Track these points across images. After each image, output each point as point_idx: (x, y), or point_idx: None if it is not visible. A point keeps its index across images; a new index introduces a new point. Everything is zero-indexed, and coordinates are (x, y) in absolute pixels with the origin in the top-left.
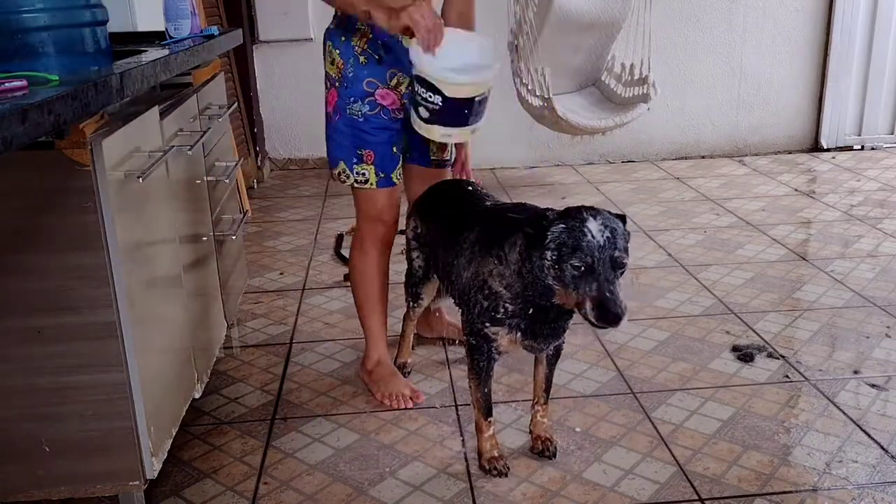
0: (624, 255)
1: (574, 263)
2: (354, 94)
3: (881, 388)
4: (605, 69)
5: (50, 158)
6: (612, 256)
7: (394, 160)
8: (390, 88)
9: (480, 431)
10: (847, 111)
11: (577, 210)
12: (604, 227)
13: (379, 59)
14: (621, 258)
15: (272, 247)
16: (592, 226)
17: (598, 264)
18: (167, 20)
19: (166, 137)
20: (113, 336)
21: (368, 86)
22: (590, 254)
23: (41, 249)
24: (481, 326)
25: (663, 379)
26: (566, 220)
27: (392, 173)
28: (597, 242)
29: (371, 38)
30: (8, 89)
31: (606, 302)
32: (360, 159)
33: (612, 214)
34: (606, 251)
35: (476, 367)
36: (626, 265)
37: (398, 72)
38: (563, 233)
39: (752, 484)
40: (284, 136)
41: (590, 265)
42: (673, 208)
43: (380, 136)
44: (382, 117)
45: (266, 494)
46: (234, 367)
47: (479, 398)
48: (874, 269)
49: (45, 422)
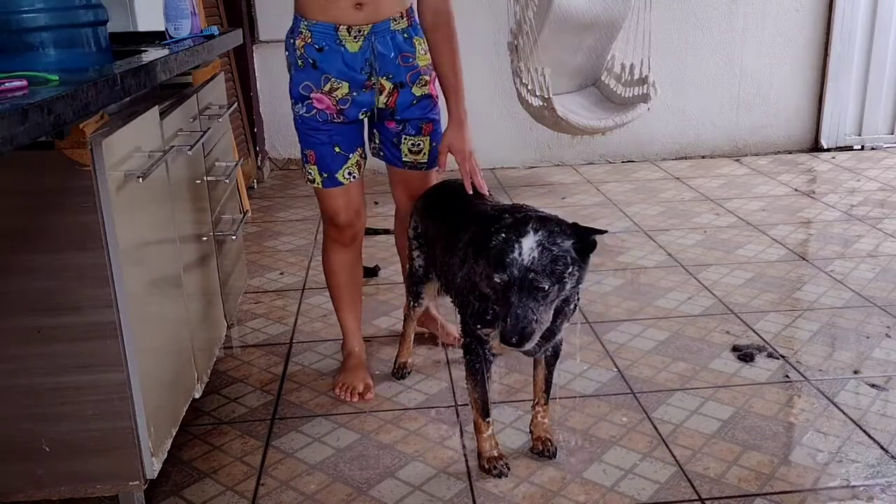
0: (541, 280)
1: (495, 278)
2: (294, 97)
3: (881, 388)
4: (605, 69)
5: (50, 158)
6: (529, 279)
7: (337, 160)
8: (324, 93)
9: (479, 432)
10: (847, 111)
11: (524, 223)
12: (538, 246)
13: (313, 63)
14: (537, 282)
15: (272, 247)
16: (526, 243)
17: (516, 283)
18: (167, 20)
19: (166, 137)
20: (113, 336)
21: (304, 89)
22: (509, 271)
23: (41, 249)
24: (474, 328)
25: (663, 379)
26: (508, 231)
27: (337, 173)
28: (518, 262)
29: (309, 43)
30: (8, 89)
31: (507, 324)
32: (306, 159)
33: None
34: (525, 273)
35: (471, 369)
36: (546, 289)
37: (332, 77)
38: (498, 244)
39: (752, 484)
40: (284, 136)
41: (507, 283)
42: (673, 208)
43: (317, 137)
44: (318, 119)
45: (266, 494)
46: (234, 367)
47: (476, 399)
48: (874, 269)
49: (45, 422)
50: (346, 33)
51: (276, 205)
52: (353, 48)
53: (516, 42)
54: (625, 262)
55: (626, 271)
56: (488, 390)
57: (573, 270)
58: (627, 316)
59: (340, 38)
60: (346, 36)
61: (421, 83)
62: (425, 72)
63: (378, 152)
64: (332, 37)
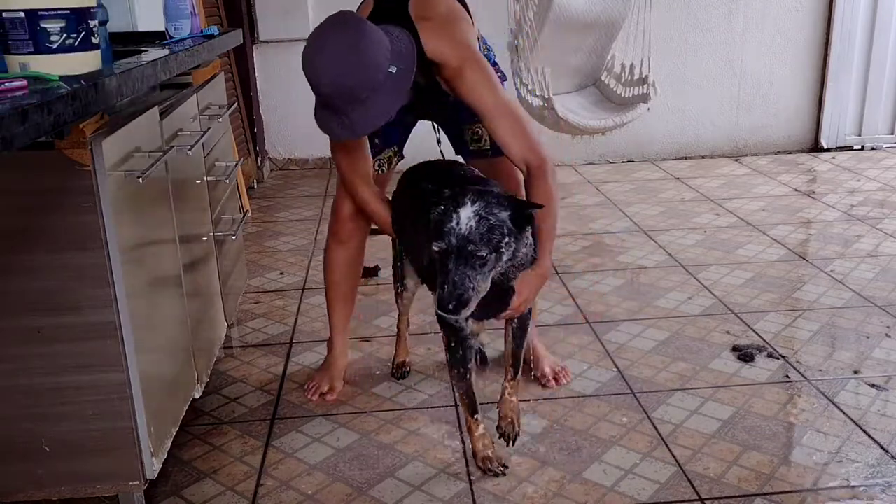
0: (480, 249)
1: (433, 246)
2: None
3: (881, 388)
4: (605, 69)
5: (50, 158)
6: (467, 250)
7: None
8: None
9: (470, 431)
10: (847, 111)
11: (463, 194)
12: (473, 216)
13: None
14: (476, 251)
15: (272, 247)
16: (463, 213)
17: (453, 251)
18: (167, 20)
19: (166, 137)
20: (113, 336)
21: None
22: (447, 240)
23: (41, 249)
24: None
25: (663, 379)
26: (447, 202)
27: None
28: (456, 231)
29: None
30: (8, 89)
31: (443, 291)
32: None
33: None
34: (462, 242)
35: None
36: (485, 258)
37: None
38: (439, 214)
39: (752, 484)
40: (284, 136)
41: (444, 251)
42: (673, 208)
43: None
44: None
45: (266, 494)
46: (234, 367)
47: (462, 394)
48: (874, 269)
49: (45, 422)
50: None
51: (276, 205)
52: None
53: (516, 42)
54: (625, 262)
55: (626, 271)
56: (473, 384)
57: (510, 241)
58: (627, 316)
59: None
60: None
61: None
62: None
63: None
64: None
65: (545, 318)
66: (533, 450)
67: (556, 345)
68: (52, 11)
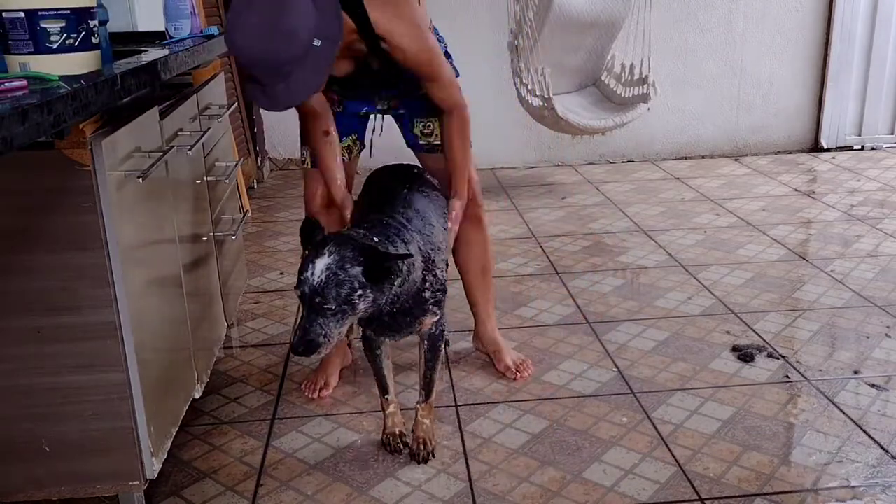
0: (328, 303)
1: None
2: None
3: (881, 388)
4: (605, 69)
5: (50, 158)
6: (315, 301)
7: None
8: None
9: (382, 409)
10: (847, 111)
11: (324, 244)
12: (327, 269)
13: None
14: (324, 303)
15: (272, 247)
16: (319, 264)
17: (305, 300)
18: (167, 20)
19: (166, 137)
20: (113, 336)
21: None
22: (301, 288)
23: (41, 249)
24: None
25: (663, 379)
26: (312, 249)
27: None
28: (308, 282)
29: None
30: (8, 89)
31: (295, 335)
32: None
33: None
34: (312, 294)
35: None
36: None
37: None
38: (303, 260)
39: (752, 484)
40: (284, 135)
41: (300, 297)
42: (673, 208)
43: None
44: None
45: (266, 494)
46: (234, 367)
47: (375, 378)
48: (874, 269)
49: (45, 422)
50: None
51: (276, 205)
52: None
53: (516, 42)
54: (625, 262)
55: (626, 271)
56: (382, 367)
57: (364, 293)
58: (627, 316)
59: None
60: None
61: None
62: None
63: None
64: None
65: (545, 318)
66: (533, 450)
67: (557, 345)
68: (52, 11)
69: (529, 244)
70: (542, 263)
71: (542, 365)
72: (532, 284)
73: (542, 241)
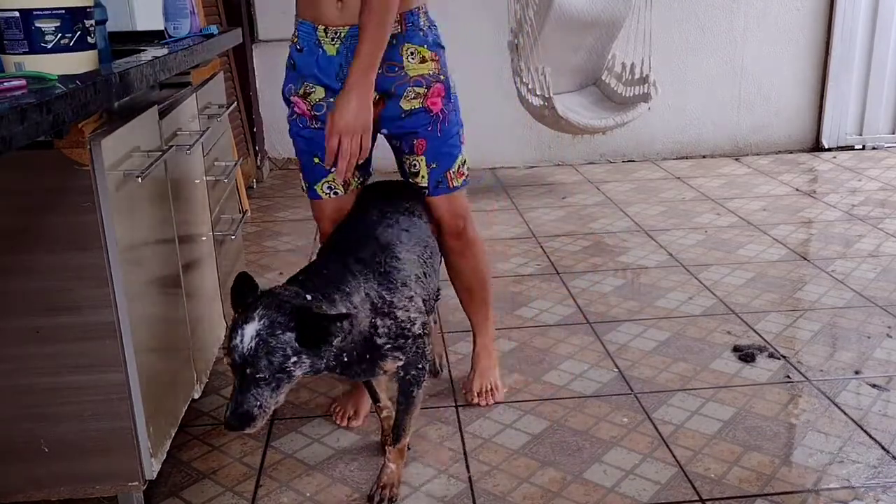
0: (260, 371)
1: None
2: (284, 99)
3: (882, 388)
4: (606, 68)
5: (49, 158)
6: (246, 371)
7: (315, 171)
8: (299, 96)
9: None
10: (848, 111)
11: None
12: (256, 336)
13: (293, 65)
14: (255, 373)
15: (272, 247)
16: (248, 330)
17: (237, 369)
18: (166, 19)
19: (165, 137)
20: (112, 336)
21: (287, 91)
22: (232, 356)
23: (40, 249)
24: None
25: (664, 379)
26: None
27: (316, 185)
28: (240, 349)
29: (294, 43)
30: (7, 89)
31: (227, 408)
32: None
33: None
34: (245, 362)
35: None
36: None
37: (307, 81)
38: (230, 326)
39: (753, 484)
40: (284, 135)
41: (231, 365)
42: (673, 208)
43: (299, 144)
44: (299, 125)
45: (265, 495)
46: None
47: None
48: (875, 269)
49: (44, 422)
50: (323, 34)
51: (275, 205)
52: (330, 51)
53: (517, 41)
54: (625, 262)
55: (626, 271)
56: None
57: (300, 359)
58: (628, 316)
59: (319, 39)
60: (323, 37)
61: (410, 95)
62: (418, 83)
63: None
64: (311, 37)
65: (546, 318)
66: (533, 450)
67: (557, 345)
68: (46, 11)
69: (529, 244)
70: (542, 263)
71: (542, 365)
72: (532, 284)
73: (543, 240)
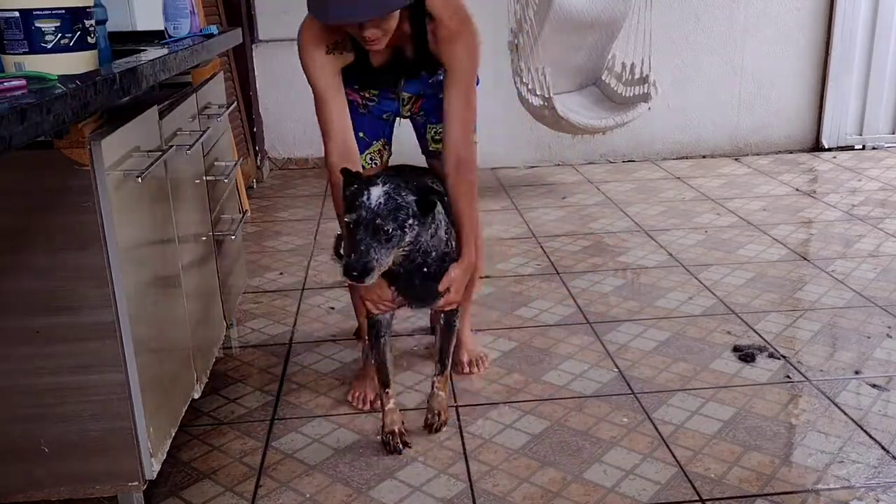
0: (387, 224)
1: (346, 218)
2: None
3: (882, 388)
4: (606, 68)
5: (49, 158)
6: (375, 223)
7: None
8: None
9: (381, 405)
10: (848, 111)
11: (376, 177)
12: (382, 195)
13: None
14: (383, 226)
15: (272, 247)
16: (374, 191)
17: (362, 223)
18: (166, 19)
19: (165, 137)
20: (112, 336)
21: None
22: (357, 213)
23: (40, 249)
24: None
25: (664, 379)
26: (361, 183)
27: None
28: (366, 205)
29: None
30: (7, 88)
31: (350, 259)
32: None
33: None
34: (371, 216)
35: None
36: (391, 233)
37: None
38: (352, 192)
39: (753, 484)
40: (284, 135)
41: (355, 221)
42: (674, 208)
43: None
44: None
45: (265, 495)
46: (233, 368)
47: (375, 366)
48: (875, 269)
49: (44, 422)
50: None
51: (275, 204)
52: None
53: (517, 41)
54: (625, 262)
55: (626, 271)
56: (386, 359)
57: (413, 223)
58: (628, 316)
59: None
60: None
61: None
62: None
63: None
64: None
65: (546, 318)
66: (533, 450)
67: (557, 345)
68: (46, 11)
69: (529, 244)
70: (542, 263)
71: (542, 365)
72: (532, 284)
73: (543, 241)
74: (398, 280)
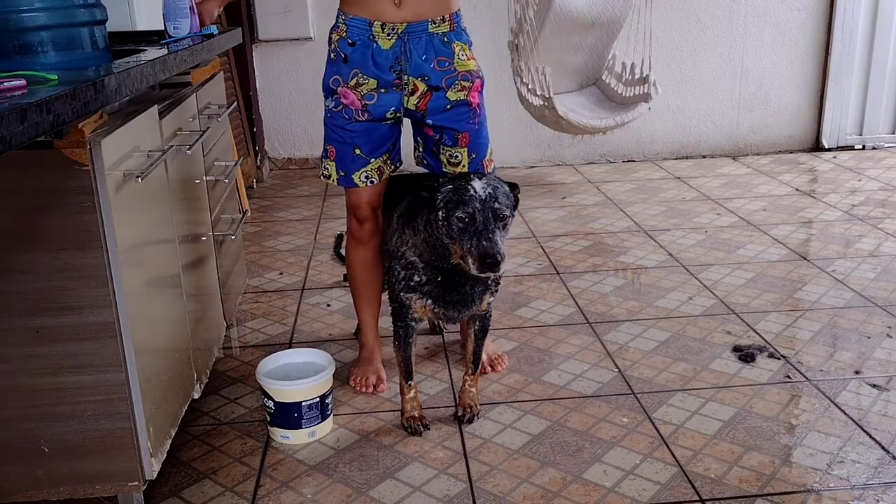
0: (504, 208)
1: (458, 215)
2: (325, 90)
3: (882, 388)
4: (606, 68)
5: (49, 158)
6: (493, 208)
7: (356, 162)
8: (350, 88)
9: (402, 393)
10: (848, 110)
11: (465, 174)
12: (487, 185)
13: (345, 57)
14: (501, 210)
15: (272, 247)
16: (476, 184)
17: (479, 214)
18: (166, 19)
19: (165, 137)
20: (112, 336)
21: (333, 83)
22: (472, 205)
23: (40, 249)
24: (398, 293)
25: (664, 379)
26: (454, 182)
27: (354, 174)
28: (478, 196)
29: (343, 37)
30: (7, 89)
31: (484, 247)
32: (326, 154)
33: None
34: (488, 204)
35: (396, 333)
36: (508, 216)
37: (360, 73)
38: (450, 192)
39: (753, 485)
40: (284, 135)
41: (471, 215)
42: (674, 208)
43: (340, 135)
44: (344, 116)
45: (265, 495)
46: (233, 368)
47: (401, 362)
48: (875, 269)
49: (44, 422)
50: (379, 30)
51: (275, 205)
52: (385, 45)
53: (517, 41)
54: (625, 262)
55: (626, 271)
56: (411, 355)
57: (511, 211)
58: (628, 316)
59: (374, 34)
60: (379, 32)
61: (457, 88)
62: (465, 77)
63: (422, 161)
64: (366, 32)
65: (546, 318)
66: (533, 450)
67: (557, 345)
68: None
69: (530, 244)
70: (542, 263)
71: (542, 365)
72: (532, 284)
73: (543, 240)
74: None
